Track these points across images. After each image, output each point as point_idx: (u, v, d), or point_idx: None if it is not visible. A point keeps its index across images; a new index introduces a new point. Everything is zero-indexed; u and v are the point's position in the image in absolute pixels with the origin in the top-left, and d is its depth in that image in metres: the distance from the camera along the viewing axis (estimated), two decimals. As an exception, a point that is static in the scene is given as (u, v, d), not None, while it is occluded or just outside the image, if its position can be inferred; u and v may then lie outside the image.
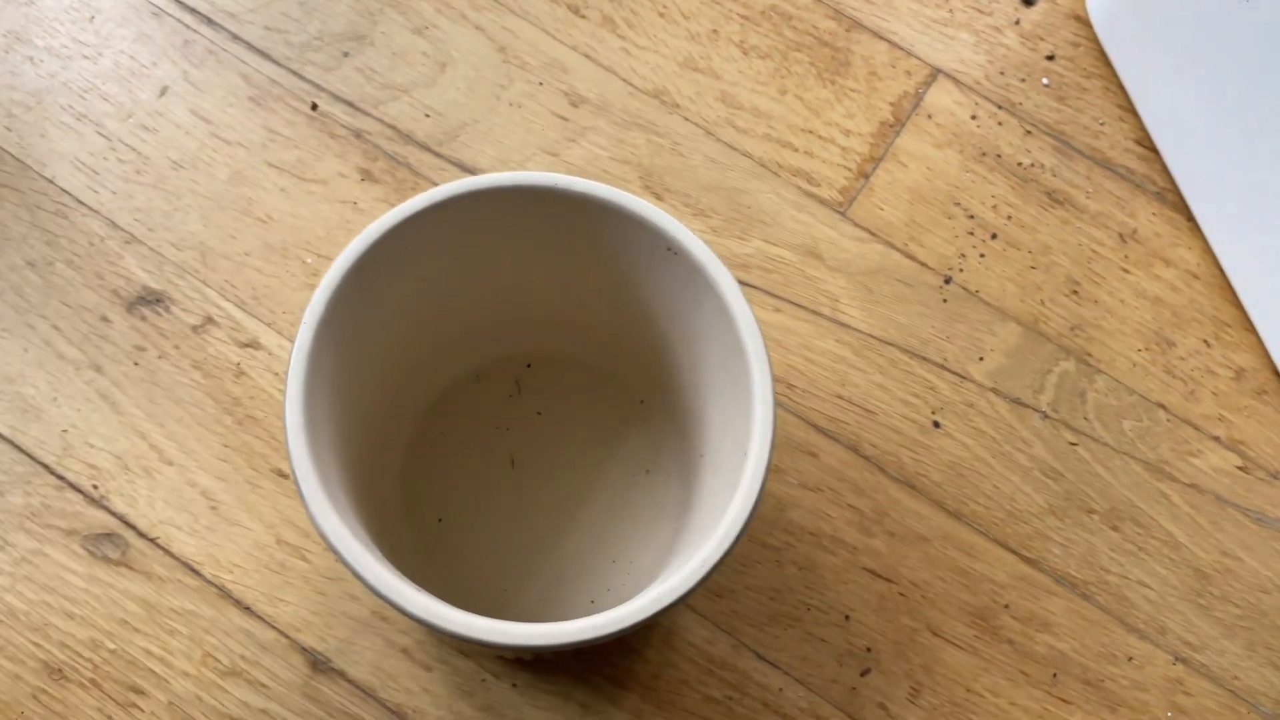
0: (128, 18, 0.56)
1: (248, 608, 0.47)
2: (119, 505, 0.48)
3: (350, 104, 0.55)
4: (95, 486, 0.48)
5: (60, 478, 0.48)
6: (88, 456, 0.48)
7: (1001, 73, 0.59)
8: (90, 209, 0.53)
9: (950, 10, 0.60)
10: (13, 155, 0.53)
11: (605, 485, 0.49)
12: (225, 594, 0.47)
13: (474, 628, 0.33)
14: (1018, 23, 0.60)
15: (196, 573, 0.47)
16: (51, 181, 0.53)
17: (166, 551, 0.47)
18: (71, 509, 0.48)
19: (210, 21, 0.57)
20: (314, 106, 0.55)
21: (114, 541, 0.47)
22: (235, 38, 0.56)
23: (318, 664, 0.46)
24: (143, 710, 0.45)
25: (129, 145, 0.54)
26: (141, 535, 0.47)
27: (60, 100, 0.55)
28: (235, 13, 0.57)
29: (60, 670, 0.46)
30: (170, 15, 0.57)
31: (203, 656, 0.46)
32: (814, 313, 0.54)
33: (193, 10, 0.57)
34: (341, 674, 0.46)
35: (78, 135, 0.54)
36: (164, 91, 0.55)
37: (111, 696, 0.45)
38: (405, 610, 0.33)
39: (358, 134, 0.55)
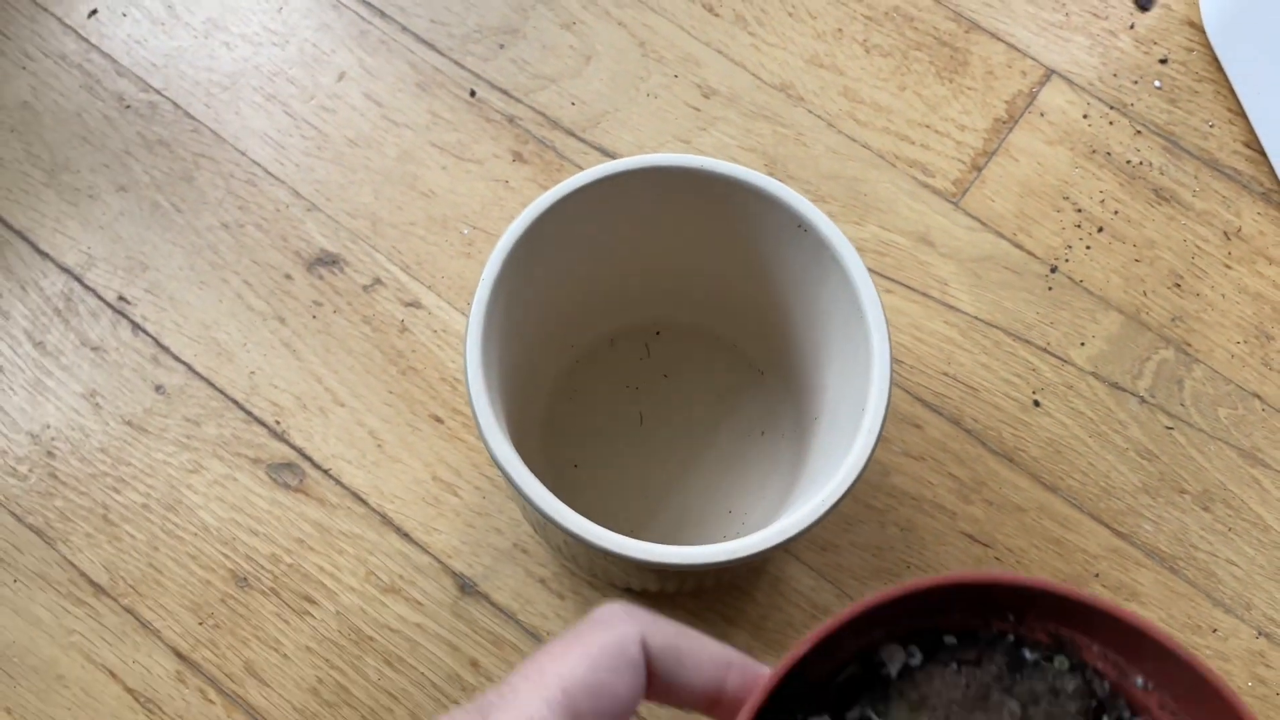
0: (311, 9, 0.63)
1: (406, 534, 0.53)
2: (298, 439, 0.54)
3: (505, 92, 0.61)
4: (278, 422, 0.55)
5: (248, 413, 0.55)
6: (272, 396, 0.55)
7: (1114, 74, 0.62)
8: (277, 179, 0.59)
9: (1066, 14, 0.63)
10: (210, 129, 0.61)
11: (723, 443, 0.54)
12: (387, 521, 0.53)
13: (622, 545, 0.38)
14: (1132, 27, 0.63)
15: (363, 501, 0.53)
16: (244, 154, 0.60)
17: (338, 481, 0.54)
18: (257, 440, 0.54)
19: (383, 14, 0.63)
20: (472, 93, 0.61)
21: (293, 470, 0.54)
22: (404, 29, 0.63)
23: (465, 587, 0.52)
24: (314, 617, 0.52)
25: (311, 124, 0.61)
26: (316, 466, 0.54)
27: (252, 82, 0.62)
28: (404, 6, 0.63)
29: (245, 579, 0.52)
30: (348, 7, 0.63)
31: (366, 574, 0.52)
32: (924, 295, 0.57)
33: (367, 3, 0.63)
34: (486, 597, 0.52)
35: (267, 113, 0.61)
36: (342, 76, 0.62)
37: (288, 604, 0.52)
38: (563, 526, 0.39)
39: (510, 119, 0.61)
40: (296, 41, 0.62)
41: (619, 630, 0.27)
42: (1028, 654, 0.28)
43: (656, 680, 0.27)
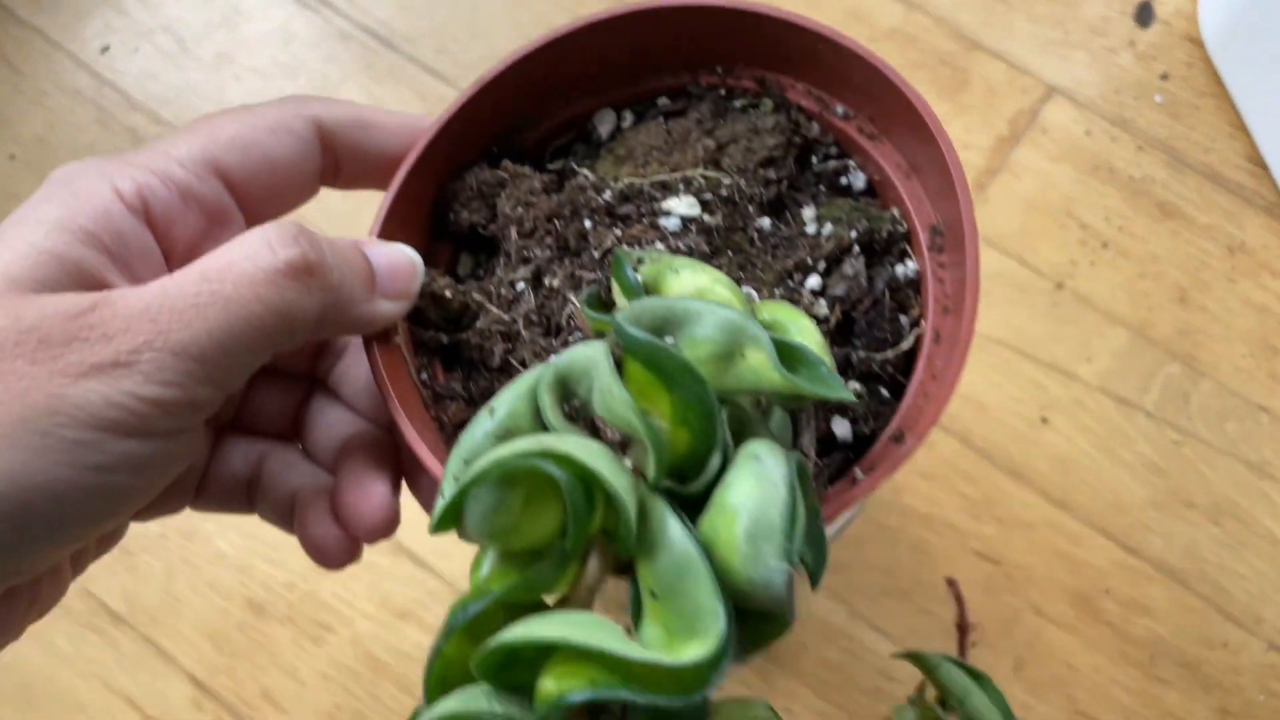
0: (319, 41, 0.64)
1: (419, 559, 0.53)
2: (311, 467, 0.55)
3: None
4: (292, 450, 0.55)
5: (262, 441, 0.56)
6: (285, 424, 0.56)
7: (1116, 91, 0.62)
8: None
9: (1066, 31, 0.64)
10: (222, 161, 0.61)
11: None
12: (400, 547, 0.54)
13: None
14: (1133, 43, 0.63)
15: (377, 527, 0.54)
16: (255, 185, 0.61)
17: (351, 508, 0.54)
18: (272, 468, 0.55)
19: (390, 45, 0.64)
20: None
21: (307, 498, 0.54)
22: (411, 59, 0.63)
23: (479, 612, 0.52)
24: (330, 643, 0.52)
25: (320, 154, 0.61)
26: (330, 493, 0.55)
27: (262, 114, 0.62)
28: (411, 36, 0.64)
29: (262, 606, 0.53)
30: (355, 39, 0.64)
31: (380, 600, 0.53)
32: (930, 314, 0.58)
33: (375, 34, 0.64)
34: (499, 621, 0.52)
35: (277, 144, 0.62)
36: (350, 106, 0.63)
37: (304, 631, 0.52)
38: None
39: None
40: (305, 73, 0.63)
41: (288, 107, 0.27)
42: (736, 103, 0.29)
43: (346, 155, 0.27)
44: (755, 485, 0.20)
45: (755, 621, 0.20)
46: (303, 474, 0.29)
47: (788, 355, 0.21)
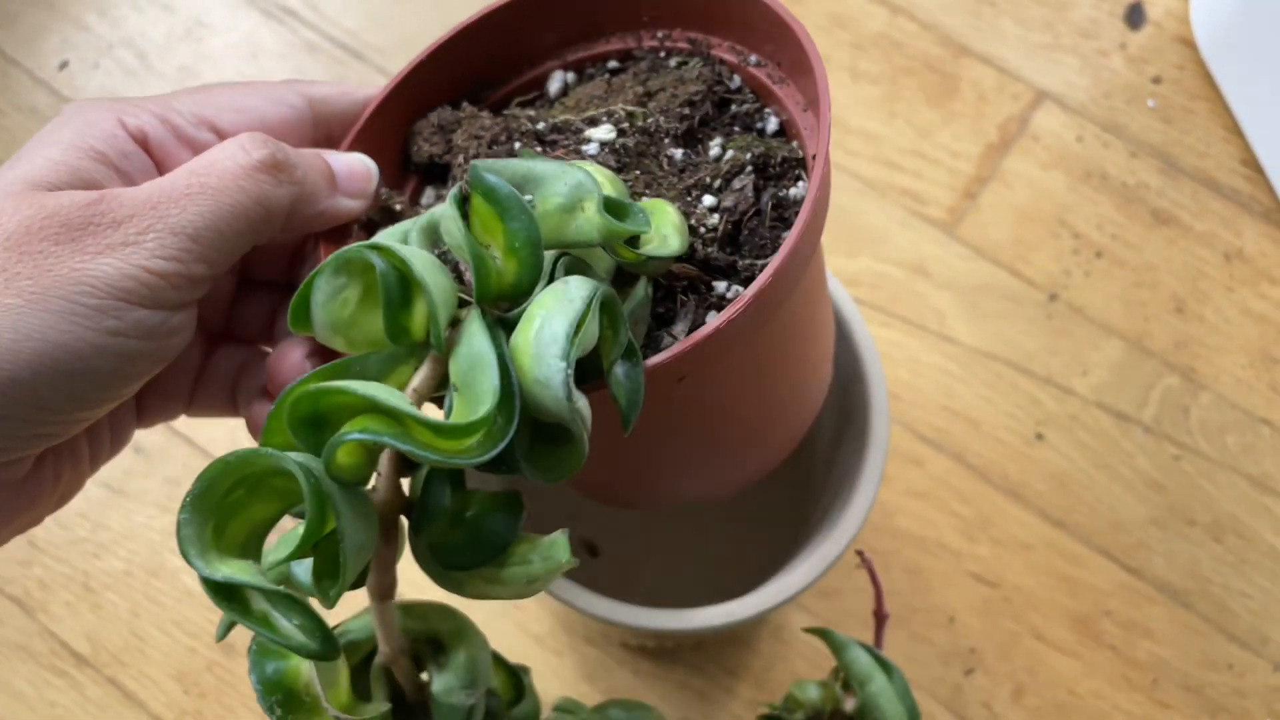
0: (286, 53, 0.62)
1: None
2: (282, 497, 0.53)
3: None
4: (261, 480, 0.53)
5: (231, 472, 0.53)
6: (254, 453, 0.54)
7: (1107, 95, 0.61)
8: (255, 229, 0.58)
9: (1056, 35, 0.62)
10: (186, 180, 0.59)
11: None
12: (376, 580, 0.52)
13: (620, 613, 0.37)
14: (1123, 46, 0.62)
15: (351, 560, 0.52)
16: (220, 204, 0.59)
17: (324, 540, 0.52)
18: (241, 500, 0.53)
19: (360, 56, 0.62)
20: (453, 133, 0.60)
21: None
22: (381, 70, 0.61)
23: (458, 646, 0.50)
24: (304, 683, 0.50)
25: (288, 170, 0.59)
26: (302, 525, 0.52)
27: (227, 129, 0.60)
28: (381, 47, 0.62)
29: (231, 645, 0.51)
30: (324, 50, 0.62)
31: (356, 636, 0.51)
32: (921, 327, 0.56)
33: (344, 45, 0.62)
34: (480, 656, 0.50)
35: (243, 161, 0.60)
36: (319, 121, 0.60)
37: (276, 670, 0.50)
38: (558, 595, 0.37)
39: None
40: (272, 87, 0.61)
41: (282, 83, 0.31)
42: (671, 62, 0.34)
43: (339, 127, 0.31)
44: (553, 300, 0.22)
45: (552, 441, 0.23)
46: None
47: (615, 209, 0.24)
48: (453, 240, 0.24)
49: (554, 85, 0.34)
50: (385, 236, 0.26)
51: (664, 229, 0.26)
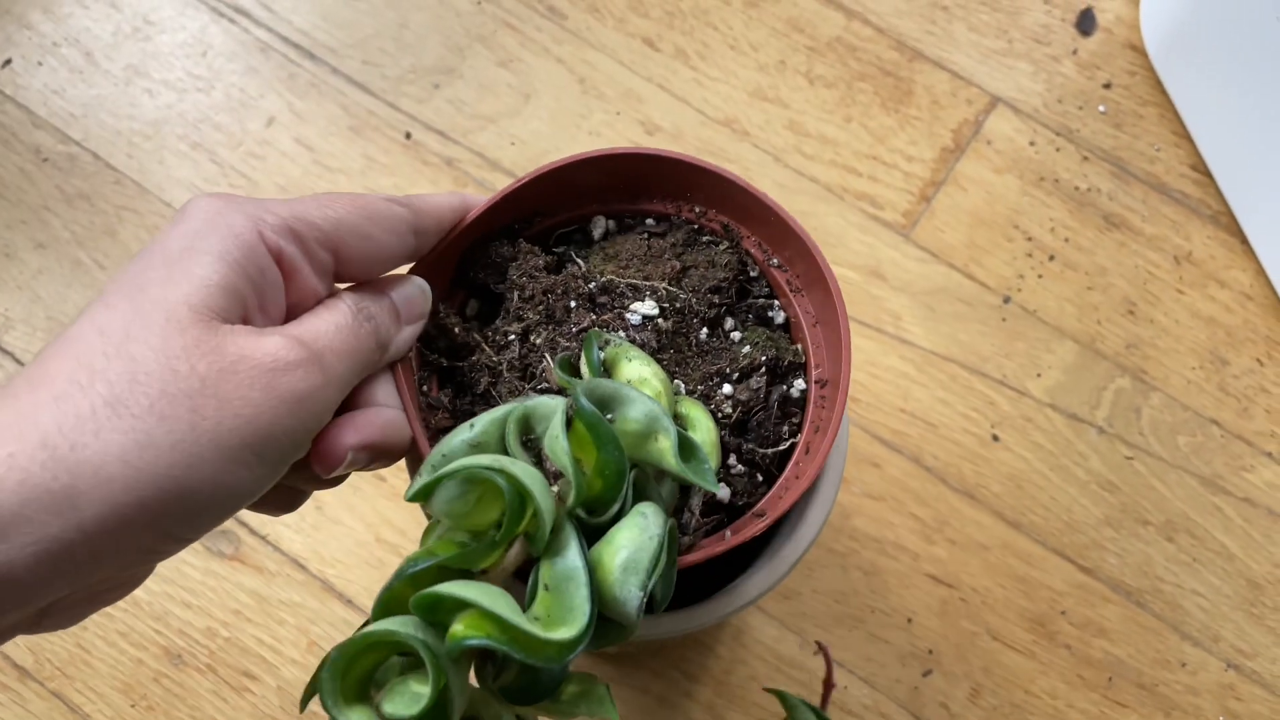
0: (237, 53, 0.61)
1: (349, 600, 0.50)
2: (232, 504, 0.52)
3: (441, 133, 0.59)
4: (211, 487, 0.52)
5: (179, 478, 0.52)
6: (204, 459, 0.52)
7: (1059, 100, 0.61)
8: (204, 231, 0.57)
9: (1009, 41, 0.63)
10: (134, 180, 0.58)
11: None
12: (329, 587, 0.51)
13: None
14: (1075, 52, 0.63)
15: (303, 567, 0.51)
16: (169, 205, 0.57)
17: (276, 548, 0.51)
18: (189, 507, 0.52)
19: (313, 56, 0.61)
20: (408, 136, 0.59)
21: (228, 538, 0.51)
22: (335, 71, 0.60)
23: (414, 654, 0.50)
24: (254, 694, 0.49)
25: (240, 171, 0.58)
26: (253, 533, 0.51)
27: (176, 130, 0.59)
28: (335, 48, 0.61)
29: (179, 655, 0.49)
30: (276, 50, 0.61)
31: (308, 645, 0.50)
32: (878, 330, 0.56)
33: (296, 45, 0.61)
34: (435, 664, 0.49)
35: (193, 162, 0.58)
36: (271, 122, 0.59)
37: (226, 680, 0.49)
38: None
39: (448, 161, 0.59)
40: (222, 86, 0.60)
41: (401, 213, 0.33)
42: (704, 238, 0.39)
43: (425, 245, 0.35)
44: (637, 533, 0.28)
45: (611, 626, 0.28)
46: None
47: (685, 448, 0.30)
48: (554, 452, 0.28)
49: (597, 230, 0.39)
50: (485, 422, 0.30)
51: (706, 446, 0.32)
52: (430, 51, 0.61)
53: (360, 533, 0.51)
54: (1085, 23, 0.63)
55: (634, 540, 0.28)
